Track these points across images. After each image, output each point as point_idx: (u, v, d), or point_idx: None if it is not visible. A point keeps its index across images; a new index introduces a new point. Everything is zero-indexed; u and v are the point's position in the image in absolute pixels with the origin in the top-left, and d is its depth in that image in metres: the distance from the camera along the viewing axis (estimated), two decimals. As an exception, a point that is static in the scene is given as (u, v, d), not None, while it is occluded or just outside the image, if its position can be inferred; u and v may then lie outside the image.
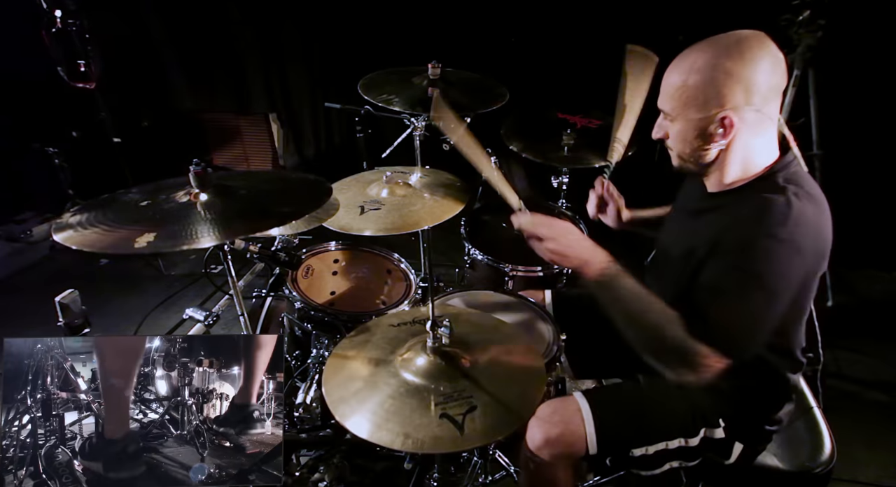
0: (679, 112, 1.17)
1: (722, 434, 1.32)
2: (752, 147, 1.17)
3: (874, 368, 2.49)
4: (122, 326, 2.81)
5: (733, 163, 1.19)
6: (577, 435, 1.32)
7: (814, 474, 1.35)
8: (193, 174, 1.30)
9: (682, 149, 1.22)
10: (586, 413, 1.34)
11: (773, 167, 1.18)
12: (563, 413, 1.36)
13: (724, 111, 1.11)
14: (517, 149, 2.28)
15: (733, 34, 1.12)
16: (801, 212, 1.08)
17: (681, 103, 1.15)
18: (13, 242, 3.51)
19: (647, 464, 1.35)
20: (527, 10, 3.16)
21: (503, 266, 2.06)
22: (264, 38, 3.62)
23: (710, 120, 1.13)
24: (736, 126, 1.12)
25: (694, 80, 1.12)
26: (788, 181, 1.14)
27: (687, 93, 1.13)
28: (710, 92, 1.11)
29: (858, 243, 3.00)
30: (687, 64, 1.14)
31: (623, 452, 1.34)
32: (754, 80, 1.08)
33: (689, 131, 1.17)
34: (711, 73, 1.10)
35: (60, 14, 2.96)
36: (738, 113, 1.11)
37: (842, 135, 2.72)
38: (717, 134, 1.14)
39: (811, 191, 1.15)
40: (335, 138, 4.00)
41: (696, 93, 1.12)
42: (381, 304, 1.96)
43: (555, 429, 1.33)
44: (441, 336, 1.27)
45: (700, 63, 1.11)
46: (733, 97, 1.10)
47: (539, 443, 1.34)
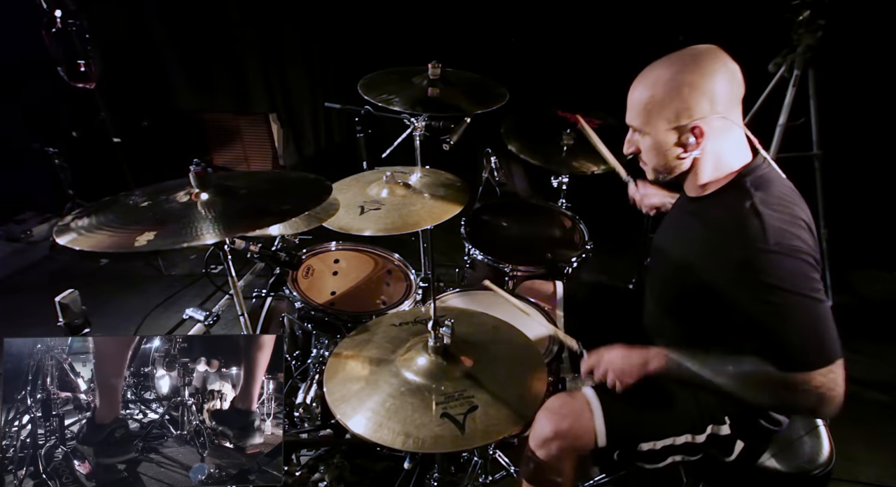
0: (650, 126, 1.22)
1: (728, 432, 1.33)
2: (721, 152, 1.21)
3: (874, 368, 2.49)
4: (122, 326, 2.81)
5: (705, 169, 1.23)
6: (586, 428, 1.33)
7: (812, 476, 1.35)
8: (193, 174, 1.30)
9: (657, 162, 1.27)
10: (595, 407, 1.34)
11: (742, 171, 1.21)
12: (572, 406, 1.36)
13: (693, 121, 1.16)
14: (516, 150, 2.28)
15: (689, 50, 1.18)
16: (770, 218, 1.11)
17: (651, 117, 1.20)
18: (13, 242, 3.51)
19: (653, 458, 1.36)
20: (527, 10, 3.16)
21: (503, 266, 2.06)
22: (264, 38, 3.62)
23: (682, 130, 1.18)
24: (706, 134, 1.17)
25: (661, 95, 1.17)
26: (755, 185, 1.18)
27: (656, 108, 1.19)
28: (678, 104, 1.16)
29: (858, 243, 3.01)
30: (651, 80, 1.19)
31: (631, 446, 1.34)
32: (716, 91, 1.14)
33: (662, 143, 1.22)
34: (676, 86, 1.15)
35: (60, 14, 2.96)
36: (706, 121, 1.16)
37: (842, 135, 2.73)
38: (689, 143, 1.19)
39: (775, 191, 1.18)
40: (335, 138, 4.00)
41: (665, 107, 1.17)
42: (382, 304, 1.96)
43: (564, 422, 1.34)
44: (443, 335, 1.27)
45: (664, 78, 1.17)
46: (700, 107, 1.15)
47: (548, 435, 1.34)
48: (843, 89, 2.71)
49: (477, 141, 2.17)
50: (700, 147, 1.19)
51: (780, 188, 1.20)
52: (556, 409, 1.36)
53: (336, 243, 2.10)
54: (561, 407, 1.36)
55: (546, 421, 1.35)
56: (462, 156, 2.04)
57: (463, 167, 2.01)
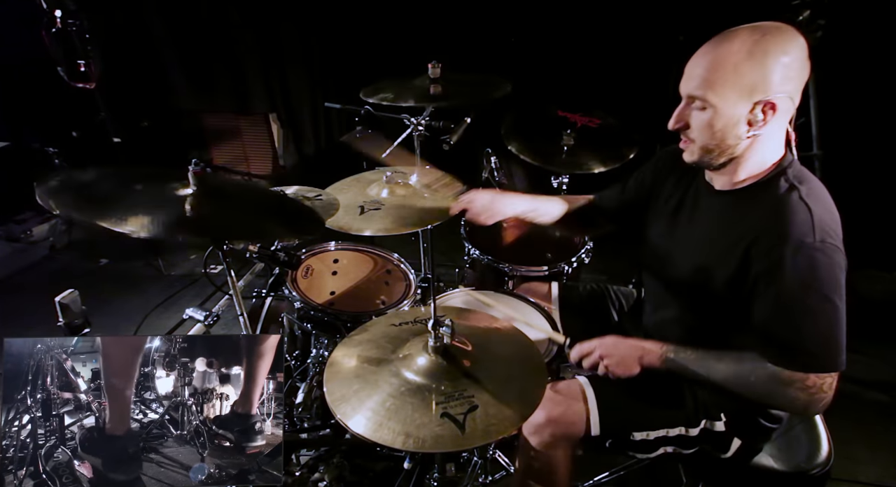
0: (718, 96, 1.11)
1: (722, 428, 1.33)
2: (772, 140, 1.17)
3: (874, 368, 2.49)
4: (122, 326, 2.81)
5: (753, 157, 1.18)
6: (579, 416, 1.33)
7: (811, 475, 1.35)
8: (193, 174, 1.30)
9: (708, 140, 1.16)
10: (590, 395, 1.34)
11: (781, 164, 1.18)
12: (566, 393, 1.36)
13: (769, 96, 1.08)
14: (516, 150, 2.28)
15: (773, 24, 1.10)
16: (818, 212, 1.10)
17: (723, 86, 1.10)
18: (13, 242, 3.51)
19: (645, 448, 1.36)
20: (527, 10, 3.16)
21: (503, 266, 2.06)
22: (264, 37, 3.62)
23: (755, 105, 1.10)
24: (777, 112, 1.10)
25: (742, 61, 1.08)
26: (798, 179, 1.16)
27: (731, 75, 1.09)
28: (759, 74, 1.07)
29: (858, 243, 2.99)
30: (729, 45, 1.09)
31: (625, 435, 1.34)
32: (795, 69, 1.08)
33: (728, 117, 1.12)
34: (761, 55, 1.06)
35: (60, 14, 2.96)
36: (780, 99, 1.09)
37: (842, 135, 2.72)
38: (757, 121, 1.11)
39: (816, 186, 1.17)
40: (335, 138, 4.00)
41: (743, 75, 1.08)
42: (381, 304, 1.96)
43: (557, 408, 1.33)
44: (442, 335, 1.27)
45: (747, 44, 1.08)
46: (779, 83, 1.07)
47: (541, 421, 1.33)
48: (843, 89, 2.71)
49: (477, 141, 2.17)
50: (764, 127, 1.11)
51: (816, 182, 1.18)
52: (549, 396, 1.35)
53: (335, 243, 2.09)
54: (554, 395, 1.36)
55: (539, 408, 1.34)
56: (462, 156, 2.04)
57: (463, 167, 2.01)
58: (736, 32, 1.11)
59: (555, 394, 1.36)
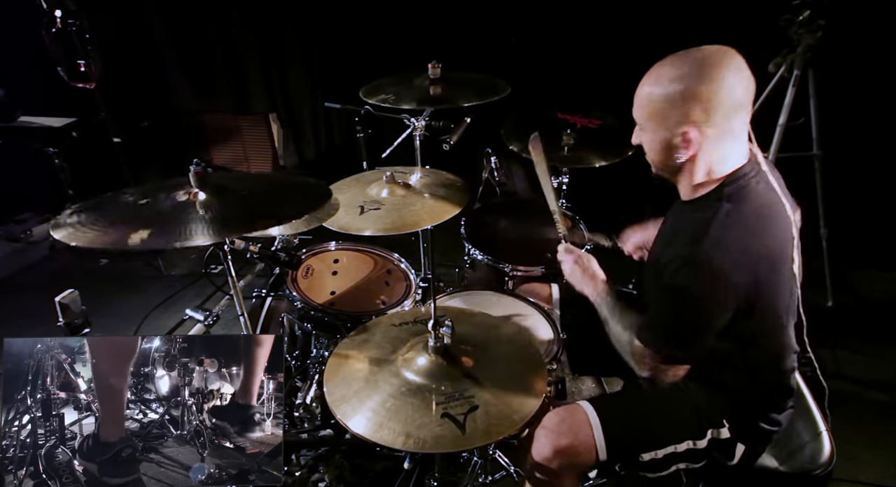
0: (645, 123, 1.22)
1: (727, 435, 1.32)
2: (715, 158, 1.20)
3: (874, 368, 2.49)
4: (122, 326, 2.81)
5: (698, 173, 1.22)
6: (587, 445, 1.31)
7: (813, 476, 1.35)
8: (193, 174, 1.30)
9: (654, 157, 1.27)
10: (594, 422, 1.33)
11: (726, 179, 1.20)
12: (570, 422, 1.35)
13: (684, 127, 1.14)
14: (517, 150, 2.28)
15: (701, 51, 1.14)
16: (722, 232, 1.13)
17: (646, 115, 1.20)
18: (13, 242, 3.51)
19: (656, 467, 1.35)
20: (527, 10, 3.16)
21: (503, 266, 2.06)
22: (264, 38, 3.62)
23: (673, 134, 1.16)
24: (695, 141, 1.15)
25: (658, 95, 1.15)
26: (730, 196, 1.17)
27: (651, 107, 1.18)
28: (672, 109, 1.14)
29: (858, 243, 3.00)
30: (653, 79, 1.17)
31: (633, 457, 1.34)
32: (716, 99, 1.10)
33: (656, 142, 1.22)
34: (674, 90, 1.12)
35: (60, 14, 2.96)
36: (699, 128, 1.14)
37: (842, 135, 2.72)
38: (679, 146, 1.17)
39: (757, 200, 1.18)
40: (335, 138, 4.00)
41: (659, 108, 1.16)
42: (382, 304, 1.96)
43: (564, 439, 1.32)
44: (443, 335, 1.27)
45: (665, 80, 1.14)
46: (693, 115, 1.13)
47: (548, 454, 1.33)
48: (843, 89, 2.71)
49: (477, 141, 2.17)
50: (690, 152, 1.17)
51: (760, 199, 1.19)
52: (554, 428, 1.34)
53: (336, 243, 2.09)
54: (559, 425, 1.35)
55: (545, 440, 1.34)
56: (462, 156, 2.03)
57: (463, 167, 2.01)
58: (662, 65, 1.17)
59: (559, 425, 1.35)
